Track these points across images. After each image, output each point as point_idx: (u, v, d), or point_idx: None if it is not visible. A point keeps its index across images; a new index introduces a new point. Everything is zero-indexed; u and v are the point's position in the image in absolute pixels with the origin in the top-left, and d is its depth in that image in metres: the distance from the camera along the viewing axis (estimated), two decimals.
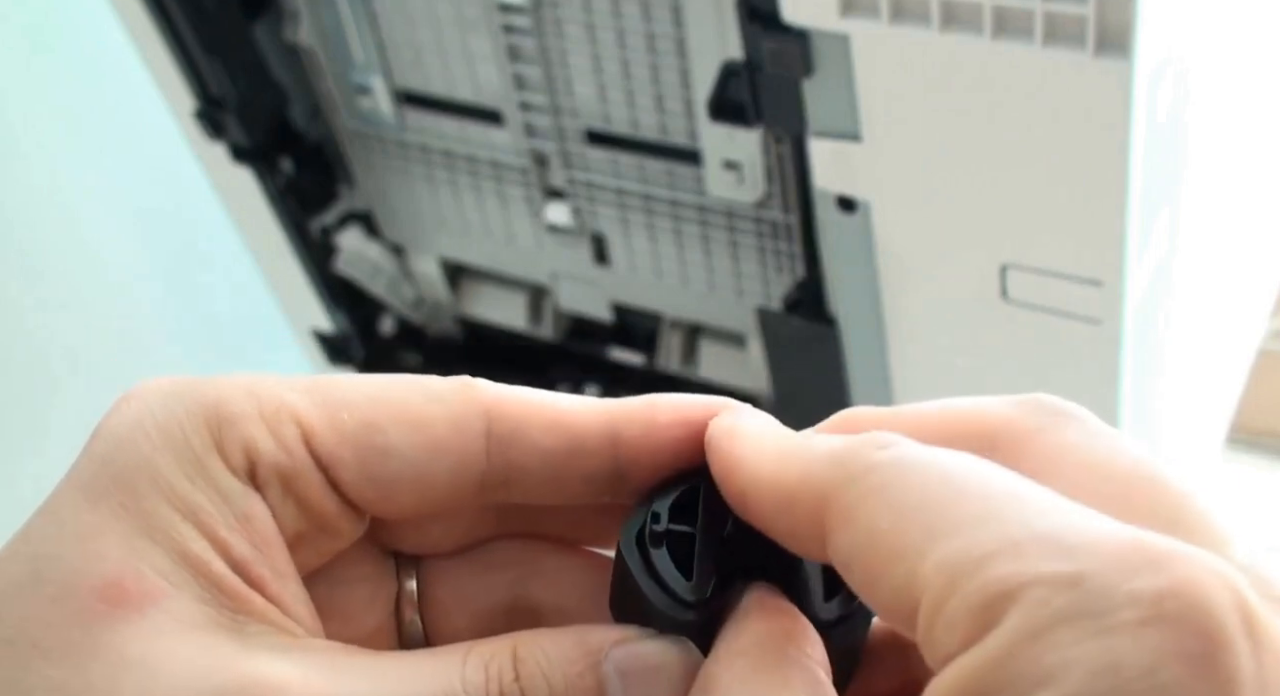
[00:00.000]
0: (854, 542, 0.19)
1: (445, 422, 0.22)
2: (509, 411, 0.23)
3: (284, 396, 0.22)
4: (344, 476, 0.22)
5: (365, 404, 0.22)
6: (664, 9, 0.63)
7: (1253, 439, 1.16)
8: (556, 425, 0.23)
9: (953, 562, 0.17)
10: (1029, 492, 0.18)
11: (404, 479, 0.22)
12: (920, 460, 0.19)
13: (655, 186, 0.71)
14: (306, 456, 0.22)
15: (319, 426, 0.22)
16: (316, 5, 0.76)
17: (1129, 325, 0.57)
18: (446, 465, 0.23)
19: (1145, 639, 0.15)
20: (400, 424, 0.22)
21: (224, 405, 0.21)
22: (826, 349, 0.68)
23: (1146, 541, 0.16)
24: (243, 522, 0.21)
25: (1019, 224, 0.56)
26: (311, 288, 0.91)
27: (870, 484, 0.19)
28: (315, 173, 0.85)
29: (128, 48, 0.80)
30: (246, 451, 0.21)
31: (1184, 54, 0.54)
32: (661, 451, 0.23)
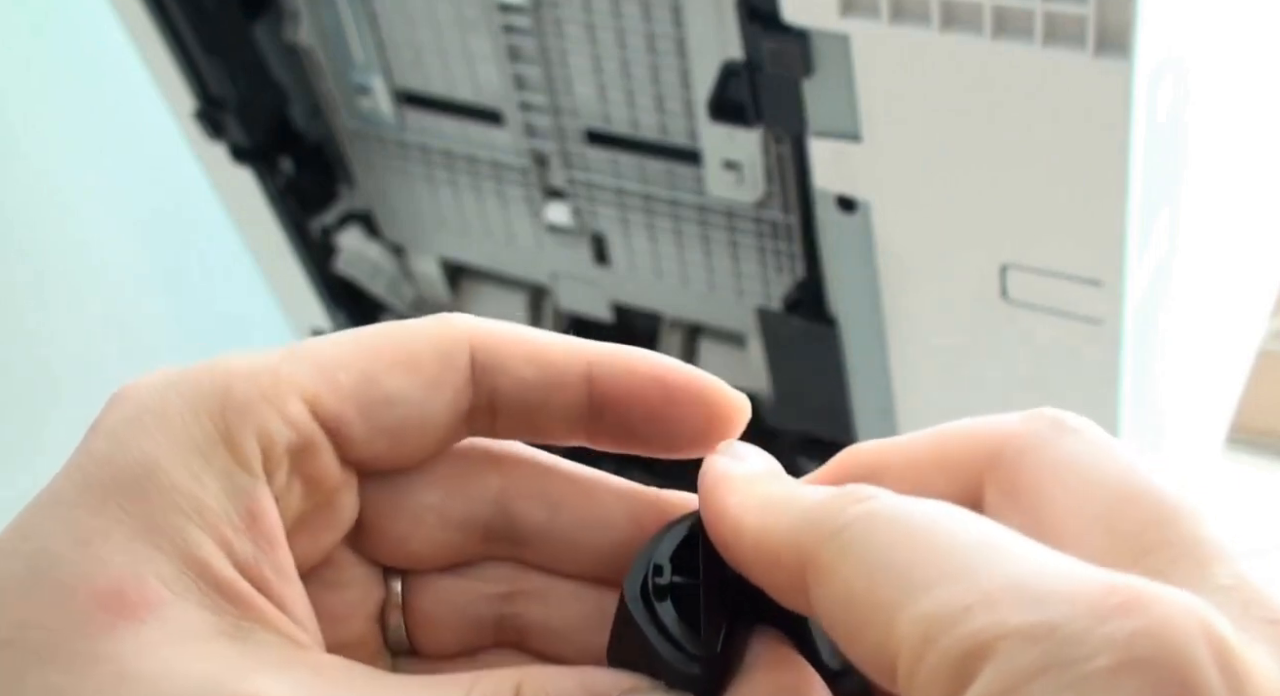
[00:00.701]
0: (833, 600, 0.19)
1: (434, 358, 0.23)
2: (490, 342, 0.23)
3: (282, 372, 0.22)
4: (353, 434, 0.22)
5: (358, 359, 0.22)
6: (664, 9, 0.63)
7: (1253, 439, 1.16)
8: (535, 356, 0.23)
9: (927, 618, 0.17)
10: (1001, 540, 0.18)
11: (409, 422, 0.23)
12: (893, 514, 0.19)
13: (655, 186, 0.71)
14: (315, 427, 0.22)
15: (322, 393, 0.22)
16: (316, 5, 0.76)
17: (1129, 325, 0.57)
18: (443, 400, 0.23)
19: (1120, 686, 0.15)
20: (395, 368, 0.22)
21: (228, 394, 0.21)
22: (826, 349, 0.68)
23: (1118, 585, 0.16)
24: (248, 521, 0.21)
25: (1019, 224, 0.56)
26: (311, 288, 0.91)
27: (844, 541, 0.19)
28: (315, 173, 0.85)
29: (128, 48, 0.80)
30: (258, 437, 0.21)
31: (1184, 54, 0.54)
32: (634, 401, 0.23)
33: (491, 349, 0.23)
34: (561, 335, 0.24)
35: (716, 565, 0.22)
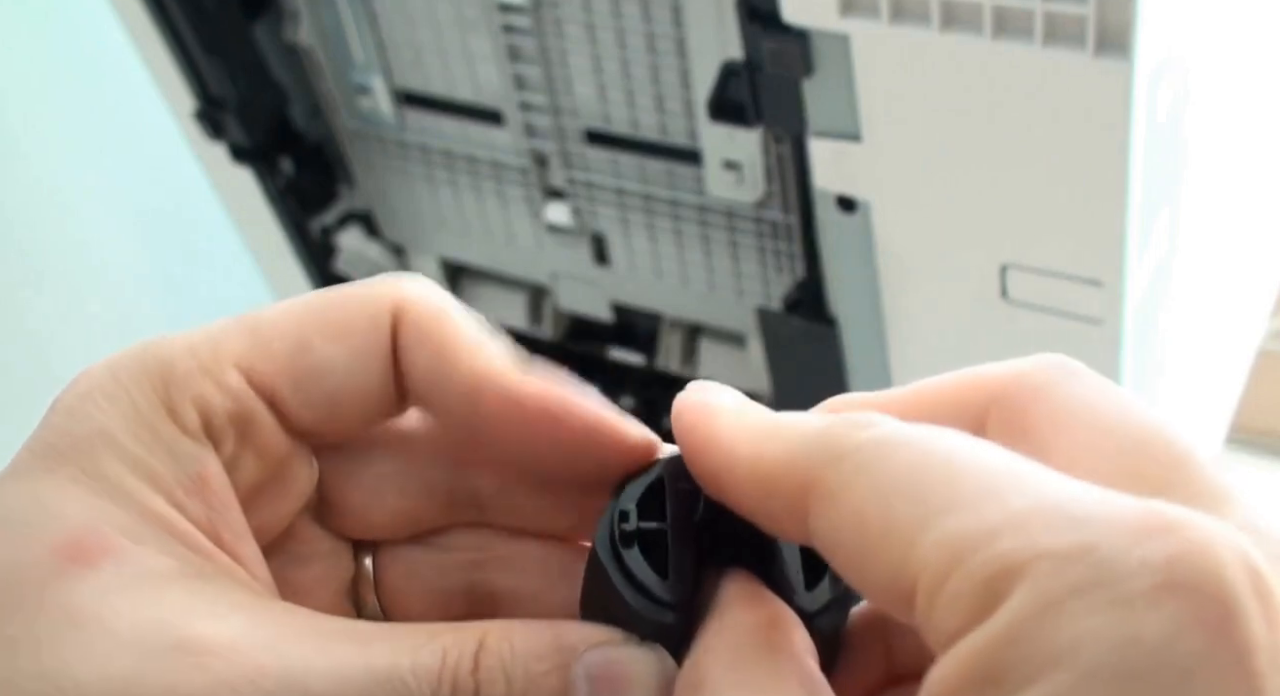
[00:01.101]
0: (839, 524, 0.18)
1: (365, 326, 0.22)
2: (411, 316, 0.23)
3: (220, 343, 0.22)
4: (288, 403, 0.22)
5: (292, 326, 0.22)
6: (664, 9, 0.63)
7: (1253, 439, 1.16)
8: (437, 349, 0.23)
9: (953, 539, 0.17)
10: (1025, 468, 0.17)
11: (342, 391, 0.22)
12: (907, 438, 0.18)
13: (655, 186, 0.71)
14: (254, 396, 0.22)
15: (256, 362, 0.22)
16: (316, 5, 0.76)
17: (1129, 325, 0.57)
18: (373, 369, 0.23)
19: (1162, 606, 0.15)
20: (325, 337, 0.22)
21: (167, 366, 0.21)
22: (826, 349, 0.68)
23: (1153, 509, 0.16)
24: (197, 484, 0.21)
25: (1019, 224, 0.56)
26: (311, 288, 0.91)
27: (856, 463, 0.18)
28: (315, 173, 0.85)
29: (128, 48, 0.80)
30: (197, 406, 0.21)
31: (1184, 54, 0.54)
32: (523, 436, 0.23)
33: (409, 324, 0.23)
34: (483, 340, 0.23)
35: (685, 508, 0.22)
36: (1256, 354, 1.02)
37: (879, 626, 0.24)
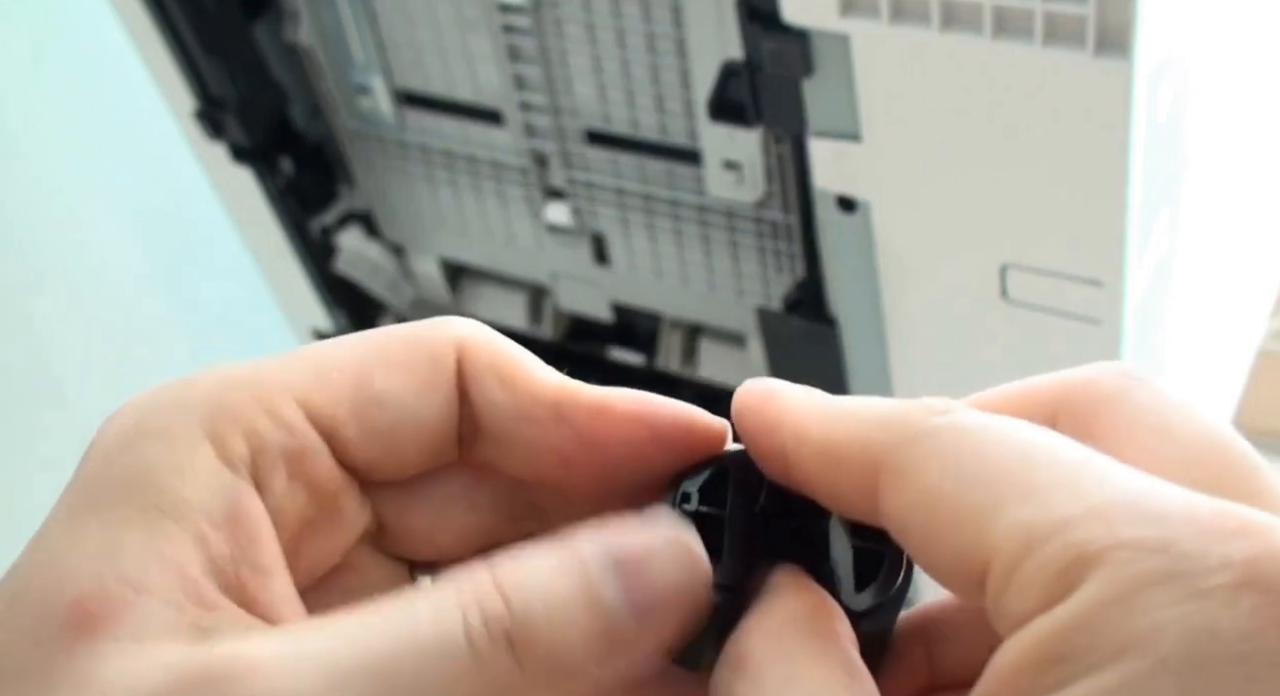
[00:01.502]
0: (911, 504, 0.19)
1: (427, 362, 0.22)
2: (473, 354, 0.23)
3: (275, 375, 0.22)
4: (346, 436, 0.22)
5: (351, 359, 0.22)
6: (664, 9, 0.63)
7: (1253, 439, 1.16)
8: (507, 380, 0.23)
9: (1028, 526, 0.17)
10: (1102, 461, 0.18)
11: (403, 424, 0.22)
12: (984, 424, 0.19)
13: (655, 186, 0.71)
14: (309, 429, 0.21)
15: (314, 394, 0.21)
16: (316, 5, 0.76)
17: (1129, 325, 0.57)
18: (435, 404, 0.22)
19: (1239, 603, 0.15)
20: (386, 369, 0.22)
21: (220, 398, 0.21)
22: (826, 349, 0.68)
23: (1233, 510, 0.16)
24: (229, 518, 0.20)
25: (1019, 224, 0.56)
26: (311, 288, 0.91)
27: (931, 447, 0.19)
28: (315, 173, 0.85)
29: (128, 48, 0.80)
30: (249, 439, 0.21)
31: (1184, 54, 0.54)
32: (614, 441, 0.23)
33: (474, 362, 0.23)
34: (542, 365, 0.23)
35: (745, 497, 0.22)
36: (1256, 354, 1.02)
37: (923, 634, 0.24)
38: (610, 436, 0.23)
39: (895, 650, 0.24)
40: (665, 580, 0.20)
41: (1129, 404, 0.21)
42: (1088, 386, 0.21)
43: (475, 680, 0.18)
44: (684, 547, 0.20)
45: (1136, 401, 0.21)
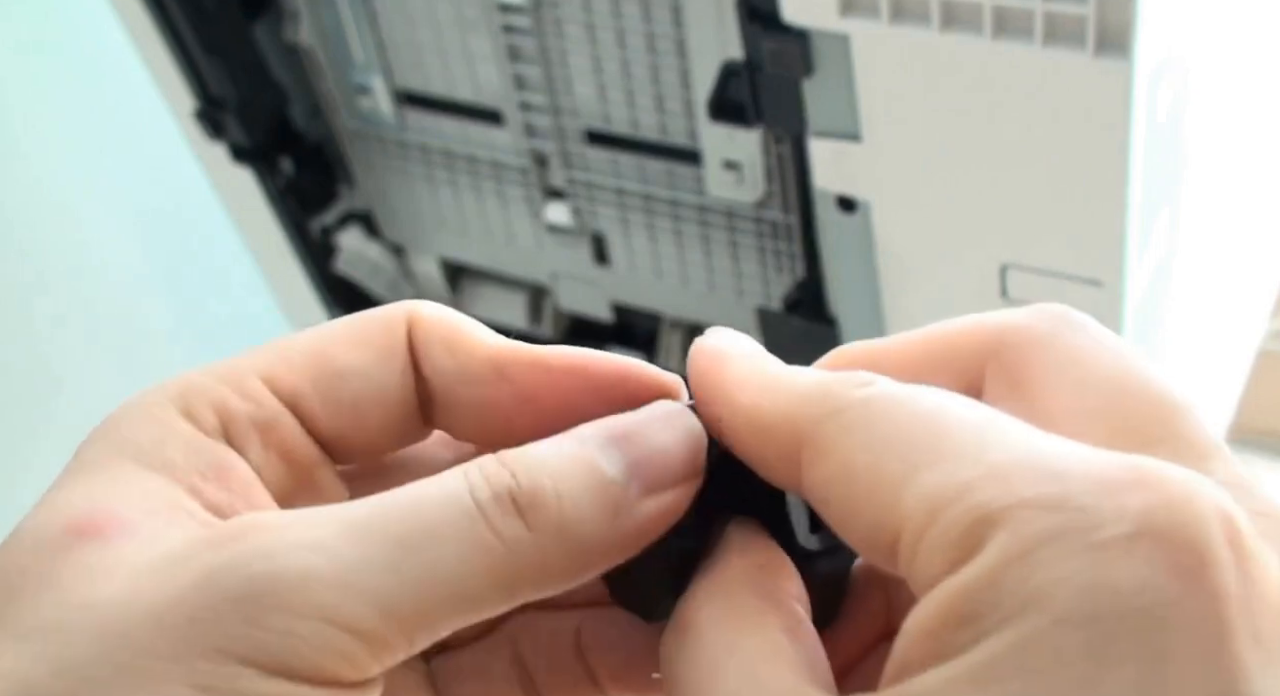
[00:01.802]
0: (830, 478, 0.19)
1: (381, 334, 0.23)
2: (425, 327, 0.23)
3: (238, 360, 0.22)
4: (311, 408, 0.22)
5: (311, 340, 0.23)
6: (664, 9, 0.63)
7: (1253, 439, 1.16)
8: (451, 346, 0.23)
9: (933, 492, 0.17)
10: (1007, 423, 0.18)
11: (364, 395, 0.23)
12: (898, 397, 0.19)
13: (655, 186, 0.71)
14: (273, 399, 0.22)
15: (277, 368, 0.22)
16: (316, 5, 0.76)
17: (1129, 325, 0.57)
18: (393, 374, 0.23)
19: (1135, 553, 0.16)
20: (343, 345, 0.23)
21: (186, 382, 0.22)
22: (826, 349, 0.68)
23: (1133, 463, 0.17)
24: (217, 473, 0.21)
25: (1019, 224, 0.56)
26: (311, 287, 0.91)
27: (847, 420, 0.19)
28: (315, 173, 0.85)
29: (128, 48, 0.80)
30: (216, 410, 0.21)
31: (1184, 54, 0.54)
32: (549, 395, 0.23)
33: (423, 333, 0.23)
34: (490, 332, 0.24)
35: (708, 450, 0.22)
36: (1256, 354, 1.02)
37: (880, 579, 0.24)
38: (549, 390, 0.23)
39: (854, 594, 0.24)
40: (659, 440, 0.21)
41: (1056, 350, 0.21)
42: (1018, 330, 0.21)
43: (488, 540, 0.19)
44: (678, 414, 0.21)
45: (1065, 345, 0.21)
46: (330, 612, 0.18)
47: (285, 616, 0.17)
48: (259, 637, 0.17)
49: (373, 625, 0.18)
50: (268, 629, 0.17)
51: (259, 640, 0.17)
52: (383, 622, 0.18)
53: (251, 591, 0.17)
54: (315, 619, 0.18)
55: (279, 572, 0.18)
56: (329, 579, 0.18)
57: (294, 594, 0.18)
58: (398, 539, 0.18)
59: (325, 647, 0.18)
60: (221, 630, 0.17)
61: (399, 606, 0.18)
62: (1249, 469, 0.19)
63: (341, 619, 0.18)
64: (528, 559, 0.19)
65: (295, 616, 0.17)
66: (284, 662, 0.17)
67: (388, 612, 0.18)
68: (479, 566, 0.19)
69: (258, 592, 0.17)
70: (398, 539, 0.18)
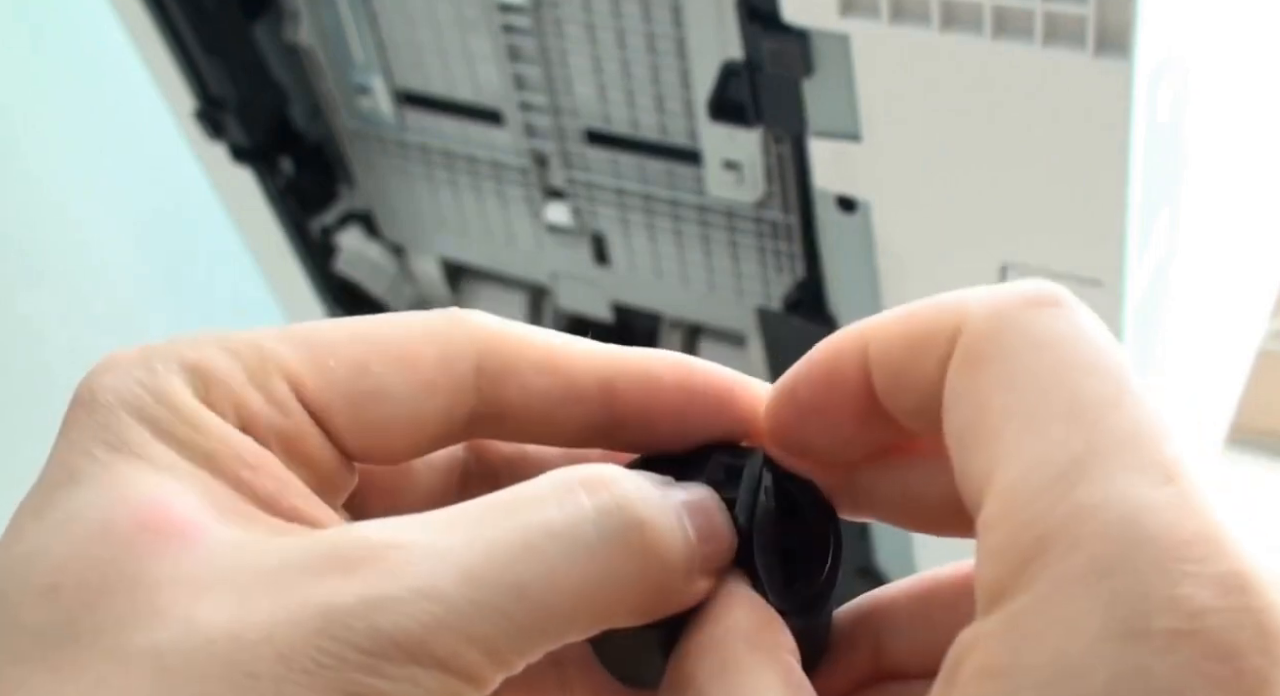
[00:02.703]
0: (965, 398, 0.19)
1: (435, 360, 0.21)
2: (499, 347, 0.22)
3: (266, 349, 0.21)
4: (337, 424, 0.21)
5: (351, 347, 0.21)
6: (664, 9, 0.63)
7: (1253, 439, 1.16)
8: (548, 366, 0.22)
9: (1017, 494, 0.17)
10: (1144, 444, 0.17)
11: (397, 420, 0.21)
12: (1066, 338, 0.18)
13: (655, 186, 0.71)
14: (302, 411, 0.21)
15: (307, 376, 0.21)
16: (316, 5, 0.76)
17: (1129, 325, 0.57)
18: (438, 404, 0.22)
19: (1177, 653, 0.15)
20: (388, 363, 0.21)
21: (205, 367, 0.20)
22: None
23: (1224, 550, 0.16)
24: (257, 465, 0.20)
25: (1019, 224, 0.56)
26: (311, 288, 0.91)
27: (1006, 343, 0.18)
28: (315, 173, 0.85)
29: (128, 48, 0.80)
30: (238, 411, 0.20)
31: (1184, 54, 0.54)
32: (660, 411, 0.23)
33: (501, 356, 0.22)
34: (576, 339, 0.23)
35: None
36: (1256, 354, 1.02)
37: (871, 623, 0.24)
38: (659, 407, 0.23)
39: (841, 639, 0.24)
40: (721, 526, 0.21)
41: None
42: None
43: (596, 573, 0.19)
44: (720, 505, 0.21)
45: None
46: (448, 662, 0.18)
47: (410, 668, 0.17)
48: (382, 686, 0.17)
49: (484, 667, 0.18)
50: (391, 677, 0.17)
51: (382, 688, 0.17)
52: (492, 664, 0.18)
53: (379, 644, 0.17)
54: (435, 669, 0.18)
55: (406, 629, 0.17)
56: (451, 632, 0.18)
57: (419, 649, 0.18)
58: (516, 587, 0.18)
59: (442, 692, 0.18)
60: (346, 676, 0.17)
61: (507, 648, 0.18)
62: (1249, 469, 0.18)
63: (457, 667, 0.18)
64: (619, 585, 0.19)
65: (419, 667, 0.18)
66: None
67: (497, 655, 0.18)
68: (579, 595, 0.19)
69: (385, 645, 0.17)
70: (516, 587, 0.18)
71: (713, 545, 0.21)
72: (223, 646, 0.17)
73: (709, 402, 0.23)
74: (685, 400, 0.23)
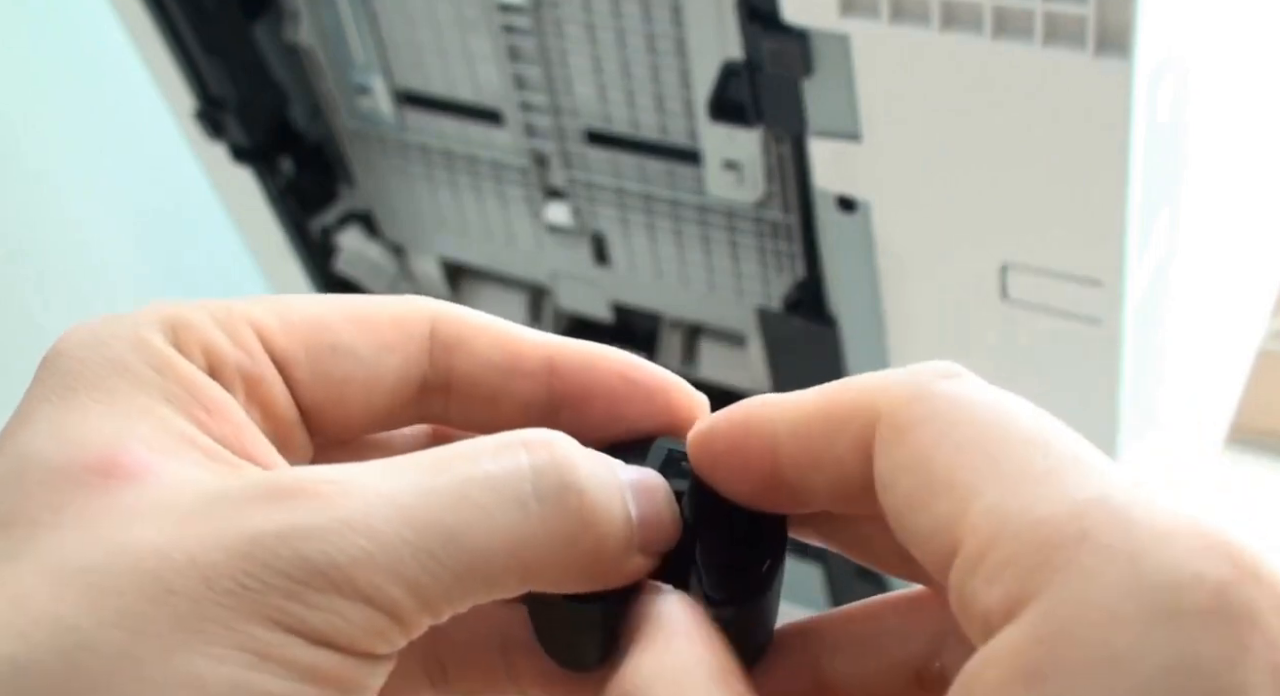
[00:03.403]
0: (903, 464, 0.19)
1: (391, 322, 0.23)
2: (452, 319, 0.23)
3: (235, 305, 0.22)
4: (298, 375, 0.22)
5: (315, 306, 0.23)
6: (664, 9, 0.63)
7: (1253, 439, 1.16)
8: (497, 339, 0.23)
9: (1005, 512, 0.17)
10: (1095, 459, 0.18)
11: (354, 377, 0.23)
12: (986, 397, 0.19)
13: (655, 186, 0.71)
14: (265, 356, 0.22)
15: (273, 327, 0.22)
16: (316, 5, 0.76)
17: (1129, 325, 0.57)
18: (393, 364, 0.23)
19: (1215, 629, 0.15)
20: (348, 322, 0.23)
21: (177, 315, 0.21)
22: (826, 349, 0.68)
23: (1207, 526, 0.16)
24: (217, 407, 0.21)
25: (1019, 224, 0.56)
26: (311, 288, 0.91)
27: (932, 407, 0.19)
28: (315, 173, 0.85)
29: (128, 48, 0.80)
30: (206, 353, 0.21)
31: (1184, 54, 0.54)
32: (596, 395, 0.23)
33: (454, 326, 0.23)
34: (529, 329, 0.24)
35: None
36: (1256, 354, 1.02)
37: (813, 640, 0.24)
38: (596, 389, 0.23)
39: (781, 647, 0.24)
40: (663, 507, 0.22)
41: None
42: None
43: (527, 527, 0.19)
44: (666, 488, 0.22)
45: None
46: (373, 596, 0.18)
47: (332, 598, 0.18)
48: (304, 613, 0.18)
49: (408, 610, 0.18)
50: (314, 606, 0.18)
51: (304, 615, 0.18)
52: (418, 606, 0.19)
53: (303, 571, 0.18)
54: (359, 601, 0.18)
55: (331, 558, 0.18)
56: (378, 567, 0.18)
57: (344, 580, 0.18)
58: (446, 530, 0.19)
59: (365, 626, 0.18)
60: (269, 601, 0.18)
61: (435, 591, 0.19)
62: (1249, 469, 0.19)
63: (382, 602, 0.18)
64: (550, 544, 0.20)
65: (342, 598, 0.18)
66: (326, 636, 0.18)
67: (423, 597, 0.19)
68: (509, 550, 0.19)
69: (309, 573, 0.18)
70: (446, 530, 0.19)
71: (655, 525, 0.21)
72: (149, 564, 0.17)
73: (646, 394, 0.24)
74: (624, 387, 0.23)
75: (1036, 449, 0.18)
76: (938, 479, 0.18)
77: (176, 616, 0.17)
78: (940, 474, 0.18)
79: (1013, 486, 0.17)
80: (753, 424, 0.22)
